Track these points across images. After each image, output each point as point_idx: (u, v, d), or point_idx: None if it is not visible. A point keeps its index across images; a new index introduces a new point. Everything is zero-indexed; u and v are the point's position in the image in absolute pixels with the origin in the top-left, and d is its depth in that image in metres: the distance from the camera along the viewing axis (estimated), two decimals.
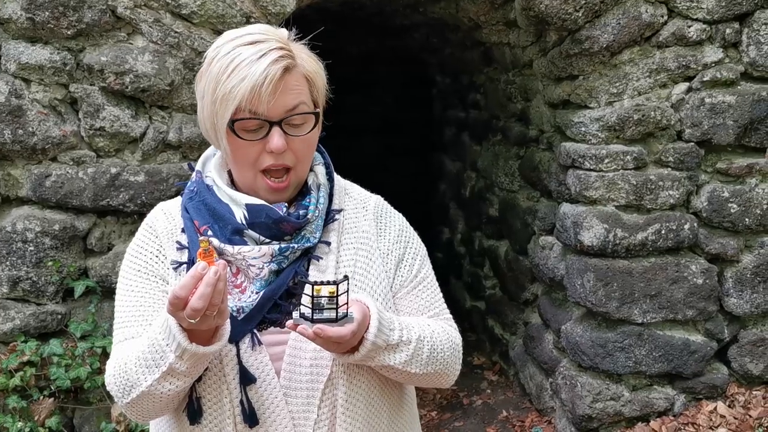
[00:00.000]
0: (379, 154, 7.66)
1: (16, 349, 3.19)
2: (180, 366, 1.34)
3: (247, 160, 1.44)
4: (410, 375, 1.48)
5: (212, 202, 1.48)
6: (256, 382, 1.44)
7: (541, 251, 4.19)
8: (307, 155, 1.49)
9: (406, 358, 1.45)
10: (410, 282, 1.59)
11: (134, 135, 3.29)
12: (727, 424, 3.62)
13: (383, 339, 1.40)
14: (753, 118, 3.62)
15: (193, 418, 1.46)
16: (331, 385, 1.46)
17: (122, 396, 1.43)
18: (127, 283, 1.53)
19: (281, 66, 1.38)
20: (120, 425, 3.24)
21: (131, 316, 1.50)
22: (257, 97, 1.36)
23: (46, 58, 3.15)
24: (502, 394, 4.69)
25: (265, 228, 1.44)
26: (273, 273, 1.46)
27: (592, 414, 3.72)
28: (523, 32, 3.97)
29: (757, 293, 3.73)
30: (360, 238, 1.56)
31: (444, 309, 1.64)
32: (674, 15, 3.57)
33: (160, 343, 1.34)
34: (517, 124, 4.66)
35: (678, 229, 3.65)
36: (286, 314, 1.46)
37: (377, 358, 1.42)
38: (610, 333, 3.70)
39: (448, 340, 1.56)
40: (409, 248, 1.62)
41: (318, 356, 1.45)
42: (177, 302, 1.26)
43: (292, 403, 1.46)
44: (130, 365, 1.40)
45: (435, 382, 1.58)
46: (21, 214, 3.26)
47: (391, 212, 1.65)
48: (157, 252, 1.53)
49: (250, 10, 3.29)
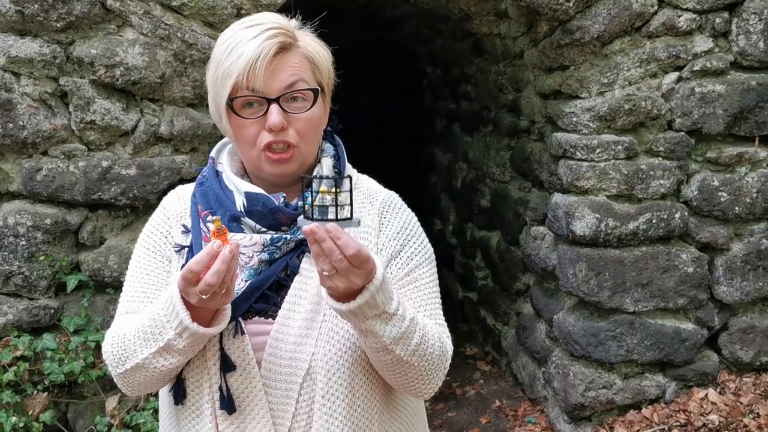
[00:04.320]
0: (370, 146, 7.65)
1: (9, 344, 3.18)
2: (178, 343, 1.37)
3: (249, 138, 1.44)
4: (394, 358, 1.39)
5: (217, 188, 1.50)
6: (236, 370, 1.45)
7: (533, 241, 4.21)
8: (311, 135, 1.48)
9: (397, 334, 1.35)
10: (399, 279, 1.52)
11: (125, 128, 3.27)
12: (718, 411, 3.65)
13: (381, 300, 1.31)
14: (742, 108, 3.63)
15: (177, 399, 1.50)
16: (309, 380, 1.45)
17: (117, 365, 1.46)
18: (137, 260, 1.57)
19: (276, 41, 1.39)
20: (114, 419, 3.24)
21: (135, 291, 1.54)
22: (253, 73, 1.38)
23: (35, 51, 3.13)
24: (495, 384, 4.71)
25: (261, 216, 1.45)
26: (264, 263, 1.46)
27: (584, 402, 3.75)
28: (514, 23, 3.98)
29: (747, 281, 3.76)
30: (359, 232, 1.52)
31: (438, 314, 1.54)
32: (664, 5, 3.58)
33: (161, 319, 1.37)
34: (509, 115, 4.66)
35: (669, 218, 3.67)
36: (274, 305, 1.47)
37: (369, 321, 1.32)
38: (602, 322, 3.73)
39: (438, 339, 1.47)
40: (407, 246, 1.55)
41: (297, 349, 1.45)
42: (191, 276, 1.28)
43: (271, 394, 1.46)
44: (129, 336, 1.43)
45: (415, 381, 1.46)
46: (12, 209, 3.24)
47: (398, 209, 1.59)
48: (167, 233, 1.56)
49: (240, 2, 3.28)
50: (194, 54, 3.29)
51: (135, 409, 3.29)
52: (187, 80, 3.32)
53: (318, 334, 1.45)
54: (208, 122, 3.34)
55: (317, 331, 1.45)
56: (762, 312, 3.85)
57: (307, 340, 1.45)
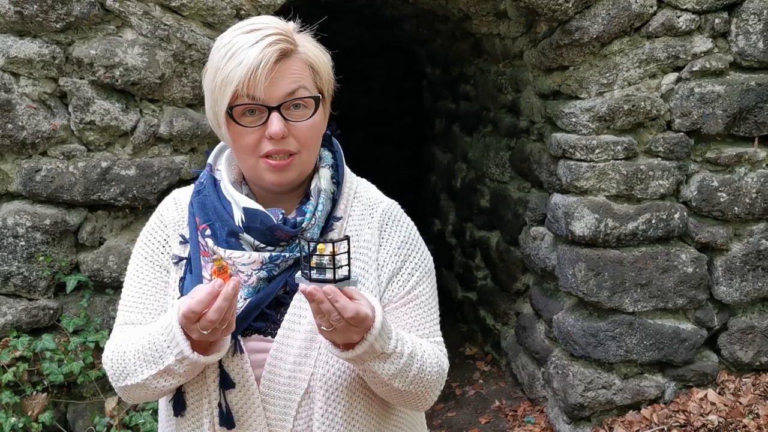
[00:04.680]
0: (369, 145, 7.66)
1: (9, 345, 3.18)
2: (178, 369, 1.37)
3: (248, 146, 1.42)
4: (392, 389, 1.43)
5: (215, 200, 1.48)
6: (235, 387, 1.45)
7: (532, 242, 4.21)
8: (312, 142, 1.46)
9: (395, 371, 1.38)
10: (401, 298, 1.52)
11: (125, 128, 3.27)
12: (718, 411, 3.65)
13: (380, 344, 1.34)
14: (742, 108, 3.64)
15: (177, 411, 1.50)
16: (308, 398, 1.45)
17: (117, 380, 1.47)
18: (134, 268, 1.56)
19: (277, 49, 1.37)
20: (114, 419, 3.25)
21: (133, 301, 1.53)
22: (253, 81, 1.36)
23: (35, 52, 3.13)
24: (495, 384, 4.71)
25: (259, 233, 1.43)
26: (263, 280, 1.45)
27: (583, 402, 3.75)
28: (514, 23, 3.98)
29: (746, 281, 3.76)
30: (359, 248, 1.51)
31: (436, 331, 1.55)
32: (663, 5, 3.58)
33: (161, 344, 1.37)
34: (508, 115, 4.67)
35: (668, 219, 3.67)
36: (273, 323, 1.46)
37: (368, 362, 1.36)
38: (601, 322, 3.73)
39: (437, 363, 1.49)
40: (408, 262, 1.54)
41: (297, 369, 1.45)
42: (192, 316, 1.28)
43: (269, 410, 1.46)
44: (128, 355, 1.43)
45: (412, 403, 1.50)
46: (11, 209, 3.25)
47: (398, 221, 1.57)
48: (164, 242, 1.55)
49: (240, 2, 3.28)
50: (193, 54, 3.29)
51: (134, 409, 3.29)
52: (186, 81, 3.32)
53: (317, 354, 1.45)
54: (208, 123, 3.32)
55: (316, 351, 1.45)
56: (761, 312, 3.85)
57: (307, 360, 1.45)
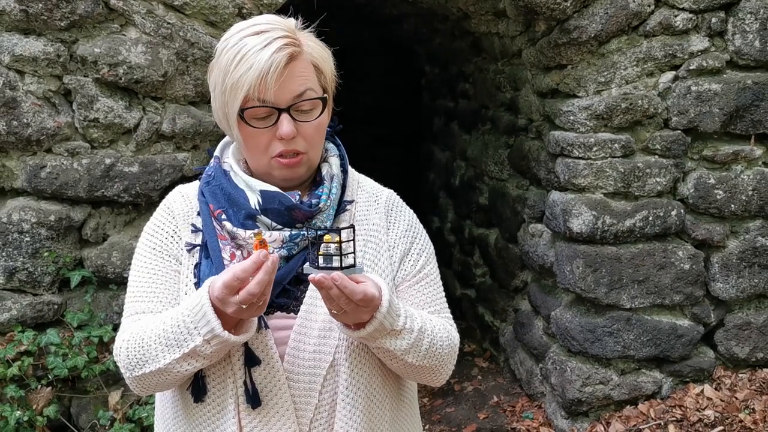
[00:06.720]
0: (368, 144, 7.67)
1: (14, 339, 3.21)
2: (205, 350, 1.37)
3: (259, 147, 1.47)
4: (406, 364, 1.49)
5: (228, 187, 1.51)
6: (260, 365, 1.46)
7: (530, 239, 4.24)
8: (318, 140, 1.52)
9: (407, 346, 1.45)
10: (413, 276, 1.60)
11: (128, 126, 3.30)
12: (714, 407, 3.68)
13: (390, 321, 1.40)
14: (738, 106, 3.67)
15: (198, 397, 1.49)
16: (332, 372, 1.48)
17: (133, 369, 1.45)
18: (141, 260, 1.57)
19: (286, 53, 1.41)
20: (117, 413, 3.28)
21: (143, 291, 1.53)
22: (264, 85, 1.39)
23: (39, 50, 3.16)
24: (493, 380, 4.75)
25: (277, 214, 1.47)
26: (283, 259, 1.48)
27: (581, 398, 3.79)
28: (512, 22, 4.01)
29: (743, 278, 3.80)
30: (370, 230, 1.58)
31: (444, 307, 1.65)
32: (661, 4, 3.61)
33: (188, 325, 1.37)
34: (506, 114, 4.70)
35: (665, 216, 3.70)
36: (294, 300, 1.49)
37: (380, 339, 1.42)
38: (598, 318, 3.76)
39: (447, 337, 1.57)
40: (415, 243, 1.63)
41: (322, 342, 1.48)
42: (236, 284, 1.29)
43: (294, 387, 1.48)
44: (149, 341, 1.42)
45: (428, 377, 1.58)
46: (16, 206, 3.28)
47: (401, 207, 1.67)
48: (173, 232, 1.56)
49: (242, 1, 3.31)
50: (196, 53, 3.32)
51: (138, 403, 3.32)
52: (188, 79, 3.35)
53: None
54: (210, 120, 3.37)
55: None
56: (757, 308, 3.89)
57: (331, 333, 1.48)
